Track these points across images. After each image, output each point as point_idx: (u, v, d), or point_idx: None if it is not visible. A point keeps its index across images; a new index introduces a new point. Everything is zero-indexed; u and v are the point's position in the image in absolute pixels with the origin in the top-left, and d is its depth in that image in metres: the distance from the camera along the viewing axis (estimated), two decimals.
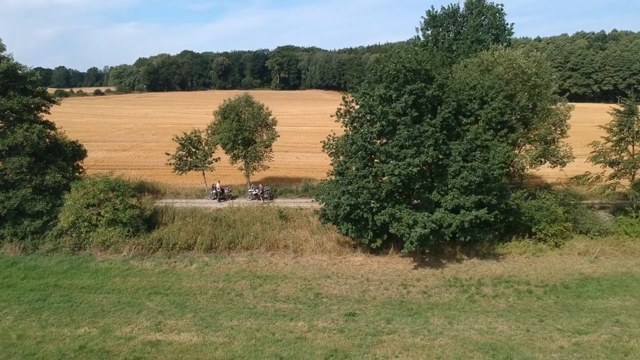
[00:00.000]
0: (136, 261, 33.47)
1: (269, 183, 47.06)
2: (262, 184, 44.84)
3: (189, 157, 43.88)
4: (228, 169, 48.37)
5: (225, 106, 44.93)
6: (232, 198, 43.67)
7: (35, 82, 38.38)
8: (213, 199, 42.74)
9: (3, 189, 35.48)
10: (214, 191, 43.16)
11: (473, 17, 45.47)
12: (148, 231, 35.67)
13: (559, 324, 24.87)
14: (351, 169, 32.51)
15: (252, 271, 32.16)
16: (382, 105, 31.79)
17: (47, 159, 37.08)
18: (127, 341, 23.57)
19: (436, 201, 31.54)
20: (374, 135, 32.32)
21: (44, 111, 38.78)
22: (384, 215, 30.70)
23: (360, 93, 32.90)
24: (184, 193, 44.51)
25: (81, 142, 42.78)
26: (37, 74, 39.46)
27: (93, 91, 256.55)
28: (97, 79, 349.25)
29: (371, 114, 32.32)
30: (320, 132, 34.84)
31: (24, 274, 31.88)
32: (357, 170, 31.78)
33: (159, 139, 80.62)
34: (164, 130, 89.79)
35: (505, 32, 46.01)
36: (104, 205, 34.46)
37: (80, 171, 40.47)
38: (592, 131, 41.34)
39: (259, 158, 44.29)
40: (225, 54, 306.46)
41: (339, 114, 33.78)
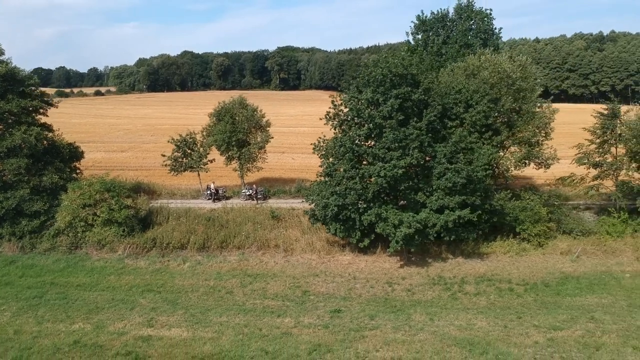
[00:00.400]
0: (131, 260, 34.45)
1: (264, 184, 48.02)
2: (256, 184, 45.78)
3: (184, 158, 44.84)
4: (223, 170, 49.28)
5: (220, 108, 45.88)
6: (227, 198, 44.63)
7: (34, 84, 39.41)
8: (208, 200, 43.73)
9: (2, 189, 36.53)
10: (209, 192, 44.16)
11: (462, 22, 46.42)
12: (143, 231, 36.65)
13: (536, 320, 25.80)
14: (339, 170, 33.45)
15: (243, 270, 33.13)
16: (370, 109, 32.78)
17: (44, 161, 38.09)
18: (120, 336, 24.56)
19: (422, 202, 32.47)
20: (362, 138, 33.31)
21: (42, 114, 39.80)
22: (371, 215, 31.64)
23: (348, 96, 33.89)
24: (180, 194, 45.54)
25: (80, 143, 43.82)
26: (35, 77, 40.40)
27: (93, 91, 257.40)
28: (97, 79, 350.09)
29: (359, 117, 33.29)
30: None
31: (22, 272, 32.90)
32: (344, 172, 32.71)
33: (157, 139, 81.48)
34: (162, 131, 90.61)
35: (493, 36, 46.96)
36: (100, 205, 35.45)
37: (77, 172, 41.47)
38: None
39: (253, 159, 45.26)
40: (225, 54, 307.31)
41: (328, 117, 34.72)
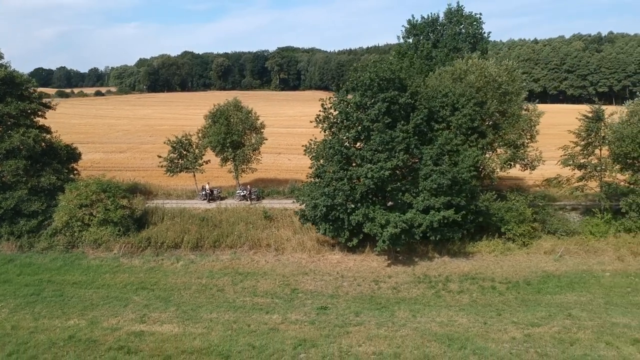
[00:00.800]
0: (126, 259, 35.42)
1: (259, 184, 48.98)
2: (250, 185, 46.73)
3: (180, 159, 45.81)
4: (219, 170, 50.21)
5: (215, 110, 46.84)
6: (221, 199, 45.56)
7: (32, 87, 40.42)
8: (203, 200, 44.66)
9: (0, 190, 37.55)
10: (204, 192, 45.10)
11: (451, 26, 47.33)
12: (138, 230, 37.61)
13: (515, 317, 26.72)
14: (329, 171, 34.37)
15: (235, 268, 34.07)
16: (358, 112, 33.73)
17: (42, 162, 39.09)
18: (113, 331, 25.52)
19: (409, 202, 33.40)
20: (351, 140, 34.27)
21: (40, 116, 40.78)
22: (358, 215, 32.59)
23: (338, 100, 34.83)
24: (175, 194, 46.47)
25: (79, 143, 44.78)
26: (33, 80, 41.39)
27: (94, 92, 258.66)
28: (98, 79, 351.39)
29: (347, 120, 34.24)
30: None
31: (20, 270, 33.88)
32: (333, 173, 33.64)
33: (156, 140, 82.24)
34: (161, 131, 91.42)
35: (482, 40, 47.84)
36: (96, 205, 36.43)
37: (75, 173, 42.43)
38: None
39: (247, 161, 46.22)
40: (226, 54, 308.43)
41: (318, 119, 35.67)
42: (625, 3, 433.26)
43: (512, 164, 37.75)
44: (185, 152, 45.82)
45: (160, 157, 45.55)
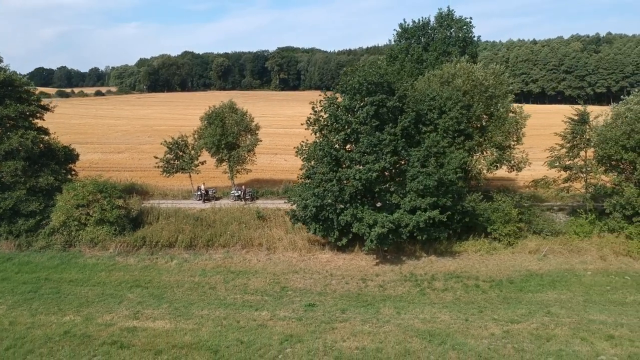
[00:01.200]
0: (121, 257, 36.37)
1: (255, 185, 49.95)
2: (246, 185, 47.69)
3: (176, 160, 46.81)
4: (214, 171, 51.17)
5: (211, 112, 47.81)
6: (216, 199, 46.51)
7: (31, 89, 41.41)
8: (198, 200, 45.62)
9: None
10: (199, 192, 46.07)
11: (442, 30, 48.23)
12: (134, 230, 38.56)
13: (496, 314, 27.61)
14: (319, 172, 35.24)
15: (227, 267, 35.01)
16: (347, 115, 34.66)
17: (40, 163, 40.07)
18: (107, 327, 26.44)
19: (396, 203, 34.32)
20: (340, 143, 35.20)
21: (39, 118, 41.76)
22: (347, 215, 33.52)
23: (327, 103, 35.75)
24: (171, 194, 47.42)
25: (78, 144, 45.78)
26: (32, 82, 42.35)
27: (94, 92, 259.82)
28: (98, 79, 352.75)
29: (337, 122, 35.16)
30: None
31: (18, 268, 34.83)
32: (323, 175, 34.54)
33: (154, 140, 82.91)
34: (160, 132, 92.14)
35: (472, 44, 48.71)
36: (93, 205, 37.39)
37: (72, 174, 43.43)
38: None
39: (242, 162, 47.21)
40: (226, 54, 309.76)
41: (309, 122, 36.59)
42: (626, 3, 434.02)
43: (499, 165, 38.61)
44: (181, 153, 46.85)
45: (157, 157, 46.54)
